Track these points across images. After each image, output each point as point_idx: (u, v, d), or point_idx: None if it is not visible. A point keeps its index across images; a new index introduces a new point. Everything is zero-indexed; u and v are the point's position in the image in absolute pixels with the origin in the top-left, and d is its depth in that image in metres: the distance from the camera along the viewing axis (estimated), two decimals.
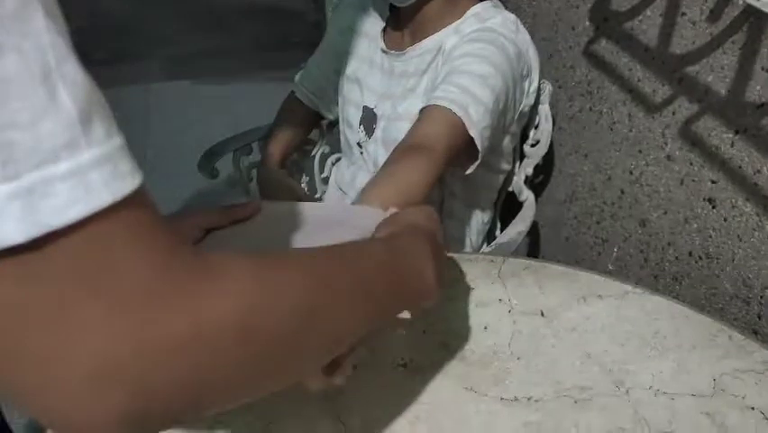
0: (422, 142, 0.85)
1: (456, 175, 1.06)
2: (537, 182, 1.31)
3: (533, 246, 1.39)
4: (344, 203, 0.72)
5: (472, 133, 0.89)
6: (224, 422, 0.65)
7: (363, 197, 0.77)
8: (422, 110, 0.91)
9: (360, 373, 0.62)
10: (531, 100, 1.06)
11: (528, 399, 0.69)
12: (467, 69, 0.92)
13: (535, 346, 0.75)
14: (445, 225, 0.81)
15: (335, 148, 1.45)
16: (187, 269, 0.31)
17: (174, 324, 0.30)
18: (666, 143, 0.94)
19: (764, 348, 0.73)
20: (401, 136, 1.05)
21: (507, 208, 1.24)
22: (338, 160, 1.46)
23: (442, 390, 0.69)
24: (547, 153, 1.18)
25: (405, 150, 0.85)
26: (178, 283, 0.31)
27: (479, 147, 0.90)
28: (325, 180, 1.46)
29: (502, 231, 1.20)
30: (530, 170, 1.18)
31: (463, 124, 0.88)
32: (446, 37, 1.02)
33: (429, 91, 1.01)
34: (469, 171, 0.94)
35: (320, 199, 1.44)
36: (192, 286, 0.31)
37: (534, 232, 1.36)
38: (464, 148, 0.91)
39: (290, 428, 0.65)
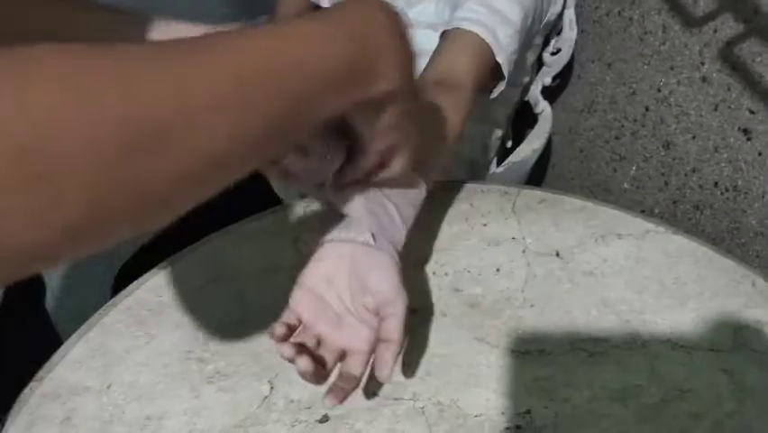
0: (450, 80, 0.74)
1: None
2: (553, 87, 1.22)
3: (543, 154, 1.33)
4: None
5: (500, 59, 0.79)
6: (228, 375, 0.63)
7: None
8: (445, 34, 0.80)
9: None
10: (558, 8, 0.96)
11: (540, 351, 0.66)
12: None
13: (550, 292, 0.71)
14: (456, 147, 0.73)
15: None
16: None
17: None
18: (703, 63, 0.86)
19: None
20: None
21: (520, 118, 1.17)
22: None
23: (453, 341, 0.67)
24: None
25: (431, 88, 0.73)
26: None
27: (505, 73, 0.81)
28: None
29: (513, 144, 1.13)
30: (548, 80, 1.10)
31: (491, 49, 0.78)
32: None
33: None
34: (493, 96, 0.85)
35: None
36: None
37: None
38: (490, 73, 0.82)
39: (295, 379, 0.63)
